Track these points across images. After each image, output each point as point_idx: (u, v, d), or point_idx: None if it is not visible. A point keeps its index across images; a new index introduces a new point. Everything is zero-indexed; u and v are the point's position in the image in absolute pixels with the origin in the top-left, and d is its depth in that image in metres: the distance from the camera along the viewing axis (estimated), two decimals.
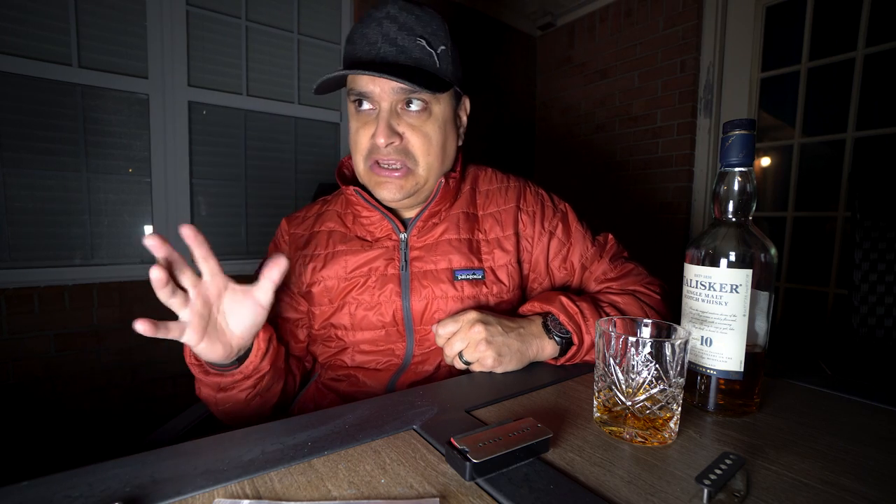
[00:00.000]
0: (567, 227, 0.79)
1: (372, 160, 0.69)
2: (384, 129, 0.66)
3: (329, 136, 2.19)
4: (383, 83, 0.65)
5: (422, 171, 0.70)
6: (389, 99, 0.66)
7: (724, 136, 0.50)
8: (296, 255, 0.77)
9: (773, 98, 2.00)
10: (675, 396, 0.43)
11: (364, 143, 0.69)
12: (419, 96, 0.67)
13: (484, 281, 0.73)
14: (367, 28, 0.68)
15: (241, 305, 0.54)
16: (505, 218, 0.77)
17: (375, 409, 0.50)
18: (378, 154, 0.68)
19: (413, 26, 0.67)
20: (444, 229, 0.74)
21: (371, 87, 0.66)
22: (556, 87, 2.78)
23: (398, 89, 0.66)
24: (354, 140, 0.70)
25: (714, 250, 0.50)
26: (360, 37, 0.68)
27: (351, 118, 0.72)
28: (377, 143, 0.67)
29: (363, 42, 0.67)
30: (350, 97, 0.70)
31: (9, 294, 1.52)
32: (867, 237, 1.12)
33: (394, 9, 0.67)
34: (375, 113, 0.68)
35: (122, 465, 0.38)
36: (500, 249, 0.75)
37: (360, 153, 0.70)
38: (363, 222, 0.75)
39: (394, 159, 0.68)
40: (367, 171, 0.70)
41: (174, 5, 1.75)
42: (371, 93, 0.66)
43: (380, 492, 0.35)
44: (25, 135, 1.54)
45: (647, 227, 2.33)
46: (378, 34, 0.66)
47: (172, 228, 1.81)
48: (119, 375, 1.72)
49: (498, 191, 0.81)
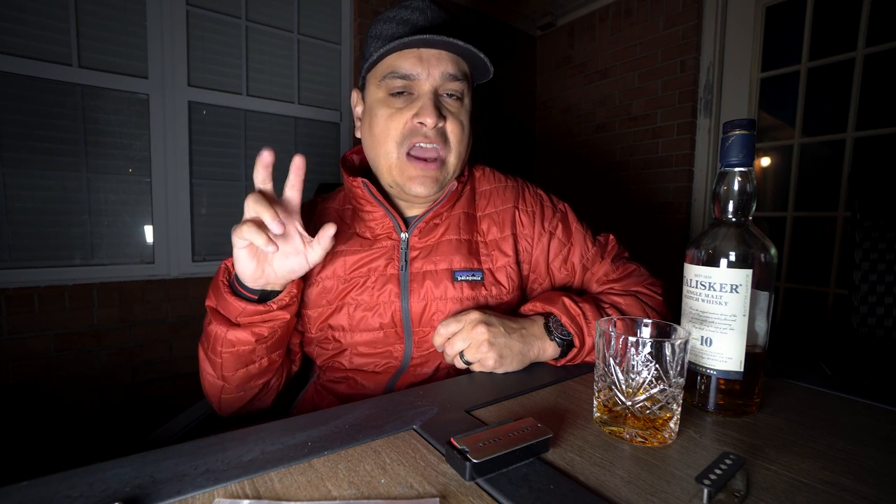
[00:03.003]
0: (567, 228, 0.79)
1: (409, 145, 0.67)
2: (433, 109, 0.65)
3: (329, 136, 2.19)
4: (433, 66, 0.65)
5: (452, 160, 0.70)
6: (434, 83, 0.66)
7: (724, 136, 0.50)
8: None
9: (773, 98, 2.00)
10: (675, 396, 0.43)
11: (398, 128, 0.67)
12: (458, 85, 0.68)
13: (483, 283, 0.72)
14: (409, 13, 0.67)
15: (292, 248, 0.58)
16: (503, 219, 0.77)
17: (375, 409, 0.50)
18: (416, 137, 0.66)
19: (452, 18, 0.70)
20: (445, 229, 0.74)
21: (418, 68, 0.65)
22: (556, 87, 2.78)
23: (446, 75, 0.66)
24: (385, 127, 0.67)
25: (714, 250, 0.50)
26: (399, 22, 0.68)
27: (377, 105, 0.69)
28: (424, 122, 0.65)
29: (405, 24, 0.67)
30: (384, 82, 0.67)
31: (9, 294, 1.52)
32: (867, 237, 1.12)
33: (423, 3, 0.69)
34: (412, 98, 0.67)
35: (122, 465, 0.38)
36: (499, 251, 0.75)
37: (391, 140, 0.68)
38: (364, 217, 0.74)
39: (434, 141, 0.67)
40: (400, 162, 0.68)
41: (174, 5, 1.75)
42: (416, 75, 0.65)
43: (380, 492, 0.35)
44: (25, 135, 1.54)
45: (647, 227, 2.33)
46: (424, 17, 0.67)
47: (172, 228, 1.82)
48: (119, 375, 1.72)
49: (496, 191, 0.80)
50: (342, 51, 2.18)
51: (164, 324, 1.80)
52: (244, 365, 0.63)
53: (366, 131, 0.73)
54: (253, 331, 0.60)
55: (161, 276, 1.80)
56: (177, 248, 1.83)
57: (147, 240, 1.79)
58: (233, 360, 0.62)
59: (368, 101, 0.71)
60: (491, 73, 0.71)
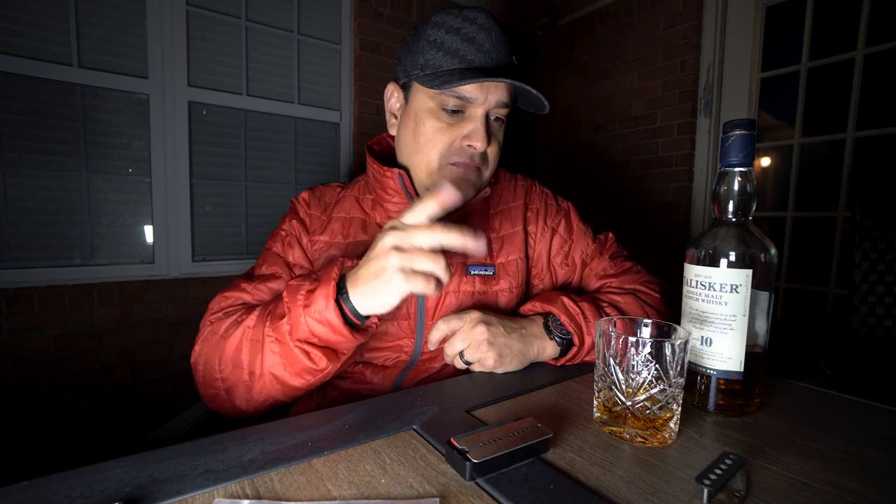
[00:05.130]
0: (569, 225, 0.82)
1: (451, 160, 0.69)
2: (484, 135, 0.67)
3: (329, 136, 2.19)
4: (491, 92, 0.66)
5: (487, 174, 0.73)
6: (487, 108, 0.67)
7: (724, 136, 0.50)
8: (314, 240, 0.74)
9: (773, 98, 2.00)
10: (675, 396, 0.43)
11: (446, 143, 0.68)
12: (506, 111, 0.69)
13: (494, 277, 0.74)
14: (475, 31, 0.67)
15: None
16: (513, 215, 0.80)
17: (375, 409, 0.50)
18: (461, 157, 0.68)
19: (507, 41, 0.69)
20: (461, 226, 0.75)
21: (477, 93, 0.65)
22: (556, 87, 2.78)
23: (500, 102, 0.67)
24: (432, 138, 0.69)
25: (714, 250, 0.50)
26: (464, 38, 0.67)
27: (426, 115, 0.69)
28: (474, 146, 0.67)
29: (471, 43, 0.66)
30: (440, 96, 0.67)
31: (9, 294, 1.52)
32: (867, 237, 1.12)
33: (489, 20, 0.68)
34: (463, 117, 0.68)
35: (122, 465, 0.38)
36: (510, 245, 0.77)
37: (436, 151, 0.69)
38: (388, 208, 0.74)
39: (477, 163, 0.70)
40: (442, 167, 0.69)
41: (174, 5, 1.75)
42: (475, 100, 0.66)
43: (380, 492, 0.35)
44: (25, 135, 1.54)
45: (647, 227, 2.33)
46: (489, 40, 0.67)
47: (172, 228, 1.82)
48: (119, 375, 1.72)
49: (507, 189, 0.83)
50: (342, 51, 2.18)
51: (164, 324, 1.80)
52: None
53: (407, 134, 0.72)
54: (351, 354, 0.58)
55: (161, 276, 1.80)
56: (177, 249, 1.83)
57: (147, 240, 1.79)
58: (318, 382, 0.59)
59: (415, 105, 0.70)
60: (546, 109, 0.72)
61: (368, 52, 2.17)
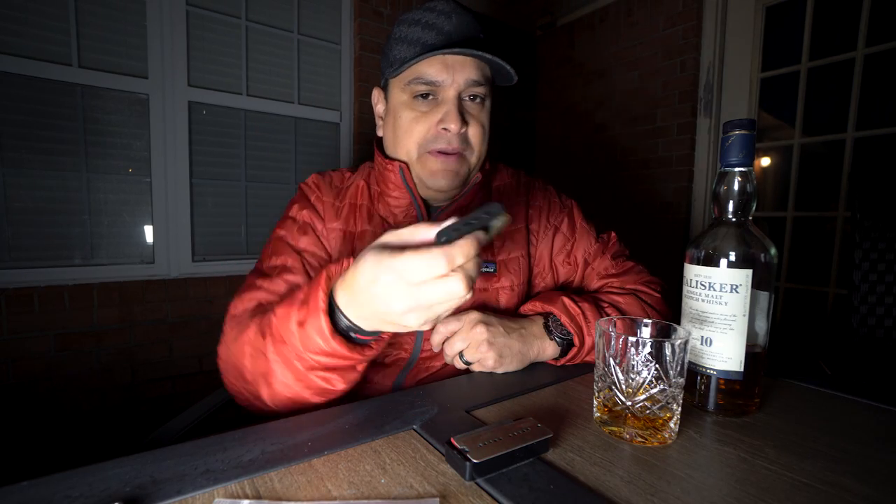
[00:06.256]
0: (572, 223, 0.81)
1: (429, 148, 0.69)
2: (457, 116, 0.66)
3: (329, 136, 2.19)
4: (458, 72, 0.66)
5: (474, 160, 0.72)
6: (458, 88, 0.67)
7: (724, 136, 0.50)
8: (330, 227, 0.74)
9: (773, 98, 2.00)
10: (675, 396, 0.43)
11: (421, 131, 0.69)
12: (481, 89, 0.69)
13: (496, 274, 0.74)
14: (434, 17, 0.68)
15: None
16: (515, 213, 0.79)
17: (375, 409, 0.50)
18: (438, 143, 0.68)
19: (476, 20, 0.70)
20: None
21: (443, 75, 0.66)
22: (556, 87, 2.78)
23: (469, 81, 0.67)
24: (408, 129, 0.69)
25: (714, 250, 0.50)
26: (424, 26, 0.68)
27: (402, 108, 0.70)
28: (448, 128, 0.67)
29: (430, 29, 0.67)
30: (409, 86, 0.68)
31: (9, 294, 1.52)
32: (867, 237, 1.12)
33: (449, 5, 0.69)
34: (436, 103, 0.68)
35: (122, 465, 0.38)
36: (512, 242, 0.77)
37: (413, 140, 0.69)
38: (389, 202, 0.74)
39: (456, 147, 0.69)
40: (422, 157, 0.70)
41: (174, 5, 1.75)
42: (441, 82, 0.66)
43: (380, 492, 0.35)
44: (25, 135, 1.54)
45: (647, 227, 2.33)
46: (450, 22, 0.67)
47: (172, 228, 1.82)
48: (119, 375, 1.72)
49: (509, 186, 0.82)
50: (342, 51, 2.18)
51: (164, 324, 1.80)
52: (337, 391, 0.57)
53: (389, 131, 0.74)
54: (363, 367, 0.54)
55: (161, 276, 1.80)
56: (177, 249, 1.83)
57: (147, 240, 1.79)
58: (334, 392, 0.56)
59: (392, 102, 0.72)
60: (514, 79, 0.72)
61: (368, 52, 2.17)
